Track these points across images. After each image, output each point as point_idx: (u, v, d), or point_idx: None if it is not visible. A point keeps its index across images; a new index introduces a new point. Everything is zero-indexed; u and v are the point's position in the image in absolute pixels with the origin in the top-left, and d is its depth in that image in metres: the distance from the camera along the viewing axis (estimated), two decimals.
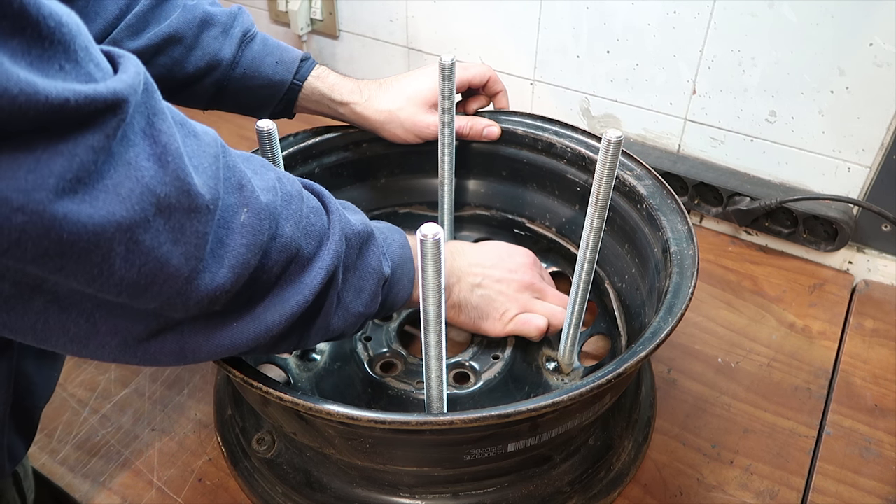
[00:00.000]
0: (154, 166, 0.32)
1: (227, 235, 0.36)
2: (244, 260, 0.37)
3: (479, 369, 0.65)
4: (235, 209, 0.37)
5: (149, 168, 0.31)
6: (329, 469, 0.56)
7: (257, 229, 0.38)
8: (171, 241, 0.33)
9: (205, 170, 0.35)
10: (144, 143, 0.32)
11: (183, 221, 0.33)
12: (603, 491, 0.56)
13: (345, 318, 0.46)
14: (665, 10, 0.78)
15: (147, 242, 0.32)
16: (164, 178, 0.32)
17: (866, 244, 0.80)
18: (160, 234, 0.32)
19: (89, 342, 0.36)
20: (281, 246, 0.40)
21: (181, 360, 0.39)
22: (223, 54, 0.65)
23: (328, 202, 0.45)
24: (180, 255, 0.34)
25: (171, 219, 0.33)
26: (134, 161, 0.31)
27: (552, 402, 0.42)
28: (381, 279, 0.48)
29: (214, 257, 0.36)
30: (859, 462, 0.60)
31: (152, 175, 0.32)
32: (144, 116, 0.32)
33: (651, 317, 0.52)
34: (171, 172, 0.32)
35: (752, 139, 0.81)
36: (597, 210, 0.53)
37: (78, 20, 0.29)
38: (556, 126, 0.72)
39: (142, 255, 0.32)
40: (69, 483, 0.58)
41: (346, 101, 0.69)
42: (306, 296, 0.41)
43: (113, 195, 0.30)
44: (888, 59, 0.68)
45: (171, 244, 0.33)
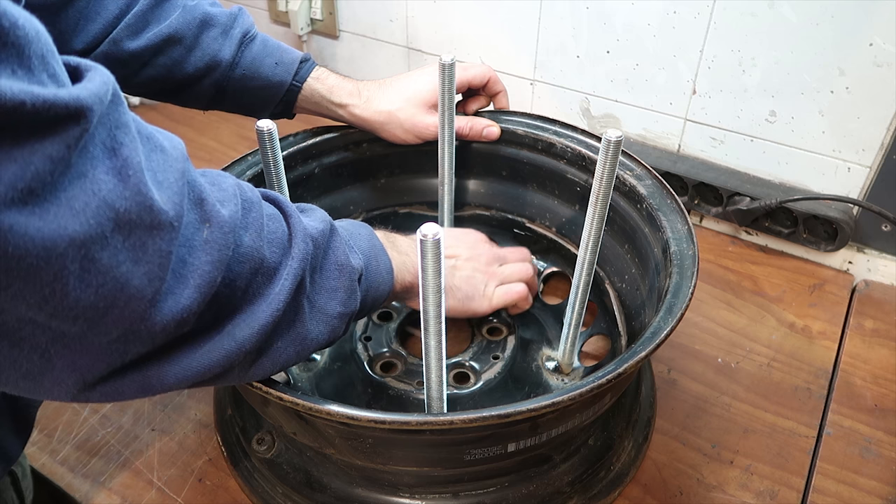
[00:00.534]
0: (113, 180, 0.30)
1: (189, 254, 0.34)
2: (210, 278, 0.35)
3: (479, 369, 0.65)
4: (197, 226, 0.35)
5: (107, 182, 0.30)
6: (329, 469, 0.56)
7: (222, 244, 0.36)
8: (131, 259, 0.31)
9: (169, 185, 0.33)
10: (105, 156, 0.30)
11: (144, 239, 0.31)
12: (603, 491, 0.56)
13: (324, 321, 0.44)
14: (665, 10, 0.78)
15: (104, 260, 0.30)
16: (124, 192, 0.30)
17: (866, 244, 0.80)
18: (119, 252, 0.30)
19: (43, 379, 0.33)
20: (242, 257, 0.38)
21: (147, 393, 0.37)
22: (223, 55, 0.65)
23: (285, 207, 0.43)
24: (142, 275, 0.32)
25: (131, 236, 0.31)
26: (91, 174, 0.29)
27: (552, 402, 0.42)
28: (354, 274, 0.46)
29: (177, 278, 0.34)
30: (859, 462, 0.60)
31: (111, 189, 0.30)
32: (107, 128, 0.30)
33: (651, 317, 0.52)
34: (131, 187, 0.30)
35: (752, 139, 0.81)
36: (597, 210, 0.53)
37: (39, 27, 0.28)
38: (556, 126, 0.72)
39: (99, 275, 0.30)
40: (69, 483, 0.58)
41: (345, 104, 0.69)
42: (277, 305, 0.39)
43: (66, 208, 0.28)
44: (888, 59, 0.68)
45: (131, 263, 0.31)
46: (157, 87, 0.65)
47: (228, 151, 1.00)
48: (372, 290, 0.50)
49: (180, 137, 0.38)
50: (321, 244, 0.44)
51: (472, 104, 0.73)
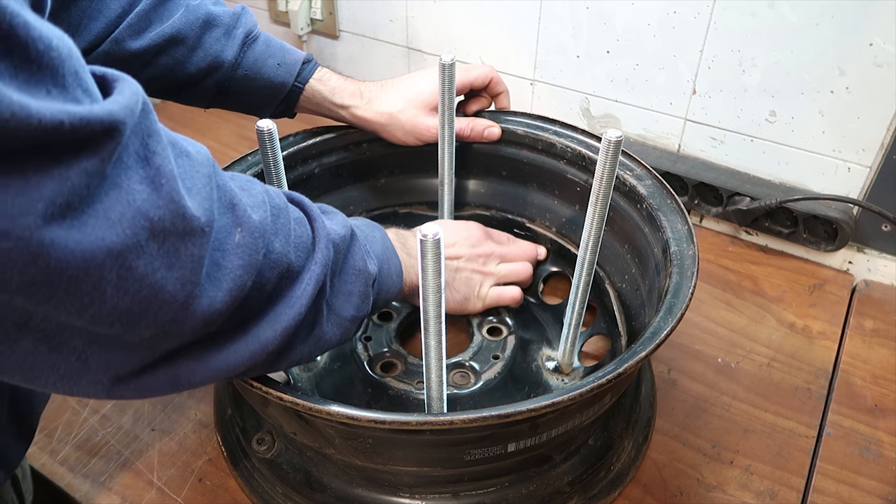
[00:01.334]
0: (147, 189, 0.31)
1: (222, 257, 0.35)
2: (241, 281, 0.36)
3: (479, 369, 0.65)
4: (229, 230, 0.36)
5: (141, 191, 0.30)
6: (329, 469, 0.56)
7: (252, 249, 0.37)
8: (165, 266, 0.32)
9: (199, 191, 0.34)
10: (138, 165, 0.31)
11: (178, 245, 0.32)
12: (603, 491, 0.56)
13: (338, 324, 0.45)
14: (665, 10, 0.78)
15: (140, 269, 0.31)
16: (158, 201, 0.31)
17: (866, 244, 0.80)
18: (154, 259, 0.31)
19: (81, 379, 0.34)
20: (273, 262, 0.39)
21: (176, 389, 0.38)
22: (225, 55, 0.65)
23: (310, 211, 0.44)
24: (175, 280, 0.33)
25: (165, 243, 0.32)
26: (126, 184, 0.30)
27: (552, 402, 0.42)
28: (369, 279, 0.47)
29: (211, 280, 0.35)
30: (859, 462, 0.60)
31: (145, 199, 0.30)
32: (139, 138, 0.31)
33: (651, 317, 0.52)
34: (164, 195, 0.31)
35: (752, 139, 0.81)
36: (597, 210, 0.53)
37: (70, 44, 0.29)
38: (556, 126, 0.72)
39: (135, 282, 0.31)
40: (69, 483, 0.58)
41: (347, 105, 0.69)
42: (299, 308, 0.41)
43: (103, 220, 0.29)
44: (888, 59, 0.68)
45: (165, 269, 0.32)
46: (158, 86, 0.65)
47: (228, 151, 1.00)
48: (383, 293, 0.51)
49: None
50: (342, 249, 0.45)
51: (473, 105, 0.73)
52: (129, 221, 0.30)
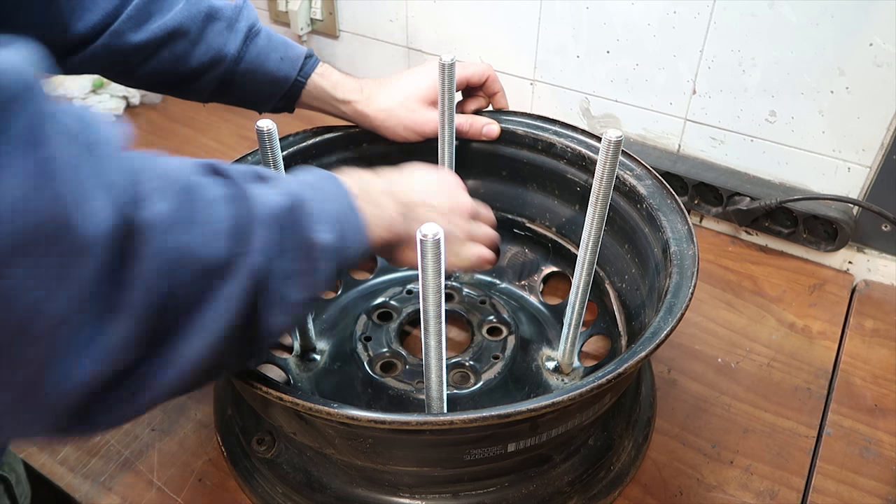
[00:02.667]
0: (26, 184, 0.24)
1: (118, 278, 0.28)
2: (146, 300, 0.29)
3: (479, 369, 0.65)
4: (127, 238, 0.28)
5: (16, 186, 0.24)
6: (329, 469, 0.56)
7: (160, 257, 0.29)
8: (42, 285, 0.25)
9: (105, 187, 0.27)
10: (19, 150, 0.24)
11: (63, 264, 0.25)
12: (603, 491, 0.56)
13: (284, 311, 0.37)
14: (665, 10, 0.78)
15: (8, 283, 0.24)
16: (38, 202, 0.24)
17: (866, 244, 0.80)
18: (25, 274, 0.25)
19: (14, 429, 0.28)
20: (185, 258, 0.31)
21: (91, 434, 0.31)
22: (228, 49, 0.64)
23: (240, 183, 0.36)
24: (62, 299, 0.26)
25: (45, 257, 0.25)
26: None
27: (552, 402, 0.42)
28: (323, 251, 0.39)
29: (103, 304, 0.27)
30: (859, 462, 0.60)
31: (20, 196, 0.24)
32: (28, 115, 0.25)
33: (651, 317, 0.52)
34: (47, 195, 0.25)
35: (752, 139, 0.81)
36: (597, 210, 0.53)
37: None
38: (556, 126, 0.72)
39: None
40: (69, 483, 0.58)
41: (349, 100, 0.69)
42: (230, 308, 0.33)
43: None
44: (888, 59, 0.68)
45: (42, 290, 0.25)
46: (159, 80, 0.65)
47: (228, 151, 1.00)
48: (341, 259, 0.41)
49: (180, 137, 0.37)
50: (284, 223, 0.37)
51: (471, 104, 0.73)
52: None
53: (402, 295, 0.73)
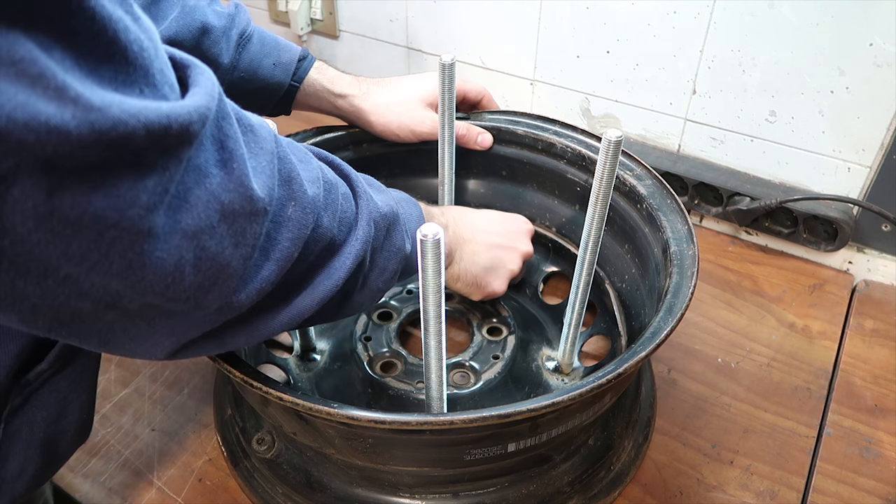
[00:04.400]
0: (220, 173, 0.32)
1: (274, 230, 0.37)
2: (288, 253, 0.38)
3: (479, 369, 0.65)
4: (284, 203, 0.37)
5: (216, 175, 0.32)
6: (329, 469, 0.56)
7: (302, 223, 0.38)
8: (232, 244, 0.34)
9: (262, 170, 0.35)
10: (214, 148, 0.32)
11: (244, 225, 0.34)
12: (603, 491, 0.56)
13: (368, 295, 0.47)
14: (665, 10, 0.78)
15: (212, 248, 0.32)
16: (229, 184, 0.32)
17: (866, 244, 0.80)
18: (224, 238, 0.33)
19: (145, 342, 0.36)
20: (319, 236, 0.40)
21: (220, 349, 0.40)
22: (222, 59, 0.64)
23: (356, 185, 0.46)
24: (239, 257, 0.34)
25: (234, 224, 0.33)
26: (204, 167, 0.31)
27: (552, 402, 0.42)
28: (404, 257, 0.49)
29: (263, 252, 0.36)
30: (859, 462, 0.60)
31: (219, 182, 0.32)
32: (216, 122, 0.32)
33: (651, 317, 0.52)
34: (235, 179, 0.33)
35: (752, 139, 0.81)
36: (597, 210, 0.53)
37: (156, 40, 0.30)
38: (556, 126, 0.72)
39: (208, 261, 0.32)
40: (69, 483, 0.58)
41: (345, 94, 0.69)
42: (336, 280, 0.42)
43: (184, 203, 0.31)
44: (888, 59, 0.68)
45: (232, 248, 0.34)
46: None
47: None
48: (408, 268, 0.52)
49: None
50: (382, 227, 0.47)
51: (466, 105, 0.75)
52: (203, 205, 0.31)
53: (402, 295, 0.73)
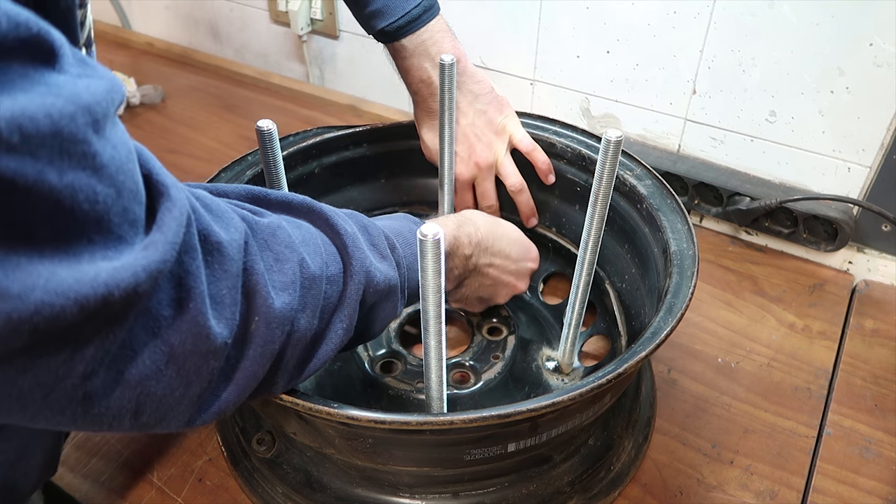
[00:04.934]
0: (173, 313, 0.30)
1: (234, 350, 0.34)
2: (252, 372, 0.35)
3: (479, 369, 0.65)
4: (245, 319, 0.35)
5: (167, 317, 0.30)
6: (329, 469, 0.56)
7: (268, 339, 0.35)
8: (183, 385, 0.32)
9: (222, 299, 0.33)
10: (170, 286, 0.30)
11: (199, 364, 0.32)
12: (603, 491, 0.56)
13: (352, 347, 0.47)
14: (665, 10, 0.78)
15: (159, 393, 0.30)
16: (181, 325, 0.30)
17: (866, 244, 0.80)
18: (173, 381, 0.31)
19: None
20: (296, 341, 0.38)
21: None
22: None
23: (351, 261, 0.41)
24: (192, 395, 0.33)
25: (184, 365, 0.31)
26: (155, 311, 0.29)
27: (552, 402, 0.42)
28: (392, 319, 0.48)
29: (222, 376, 0.34)
30: (859, 462, 0.60)
31: (168, 324, 0.30)
32: (177, 257, 0.30)
33: (651, 317, 0.52)
34: (189, 319, 0.30)
35: (752, 139, 0.81)
36: (597, 210, 0.53)
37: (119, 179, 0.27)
38: (556, 126, 0.72)
39: (153, 405, 0.31)
40: (69, 483, 0.58)
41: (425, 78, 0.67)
42: (322, 362, 0.41)
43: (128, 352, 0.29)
44: (888, 59, 0.68)
45: (183, 388, 0.32)
46: None
47: (228, 151, 1.00)
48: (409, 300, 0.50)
49: (180, 137, 0.37)
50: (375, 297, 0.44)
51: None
52: (150, 351, 0.29)
53: None
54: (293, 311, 0.37)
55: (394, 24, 0.64)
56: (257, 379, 0.36)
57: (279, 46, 1.16)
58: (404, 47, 0.66)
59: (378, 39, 0.68)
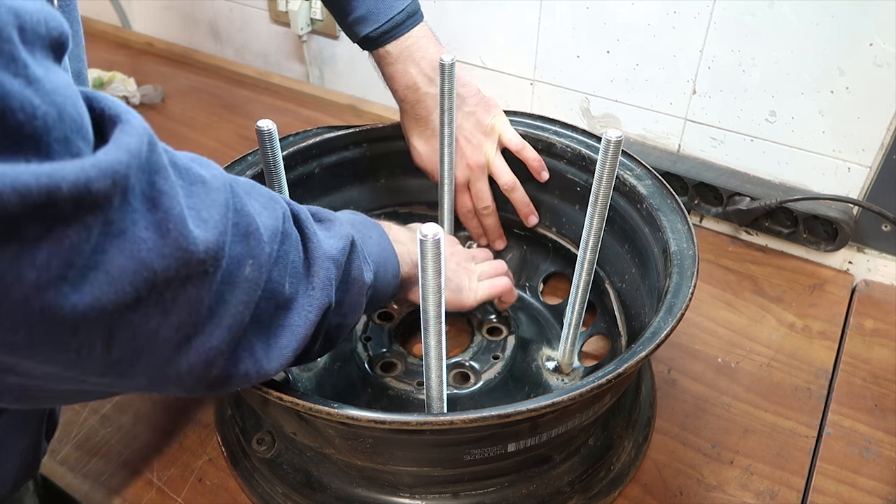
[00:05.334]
0: (153, 237, 0.28)
1: (228, 291, 0.33)
2: (240, 318, 0.34)
3: (479, 369, 0.65)
4: (241, 261, 0.34)
5: (147, 239, 0.28)
6: (329, 469, 0.56)
7: (256, 284, 0.35)
8: (161, 313, 0.30)
9: (214, 224, 0.32)
10: (145, 208, 0.28)
11: (177, 291, 0.30)
12: (603, 491, 0.56)
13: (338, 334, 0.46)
14: (665, 10, 0.78)
15: (135, 321, 0.29)
16: (163, 249, 0.28)
17: (866, 244, 0.80)
18: (150, 309, 0.29)
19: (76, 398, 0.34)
20: (268, 293, 0.37)
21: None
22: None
23: (305, 228, 0.41)
24: (170, 326, 0.30)
25: (165, 291, 0.29)
26: (131, 231, 0.27)
27: (552, 402, 0.42)
28: (365, 288, 0.46)
29: (212, 317, 0.33)
30: (859, 462, 0.60)
31: (150, 248, 0.28)
32: (146, 177, 0.28)
33: (651, 317, 0.52)
34: (171, 242, 0.29)
35: (752, 139, 0.81)
36: (597, 210, 0.53)
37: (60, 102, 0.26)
38: (556, 126, 0.72)
39: (128, 334, 0.29)
40: (69, 483, 0.58)
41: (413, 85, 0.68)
42: (302, 336, 0.39)
43: (103, 276, 0.27)
44: (888, 59, 0.68)
45: (160, 317, 0.30)
46: None
47: (228, 151, 1.00)
48: (375, 298, 0.50)
49: (180, 137, 0.38)
50: (342, 264, 0.43)
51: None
52: (129, 276, 0.28)
53: None
54: (274, 259, 0.37)
55: (378, 30, 0.65)
56: (242, 326, 0.34)
57: (279, 46, 1.16)
58: (389, 53, 0.67)
59: (362, 46, 0.68)
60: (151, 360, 0.31)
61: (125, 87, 1.09)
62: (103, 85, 1.07)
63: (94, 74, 1.08)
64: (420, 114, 0.69)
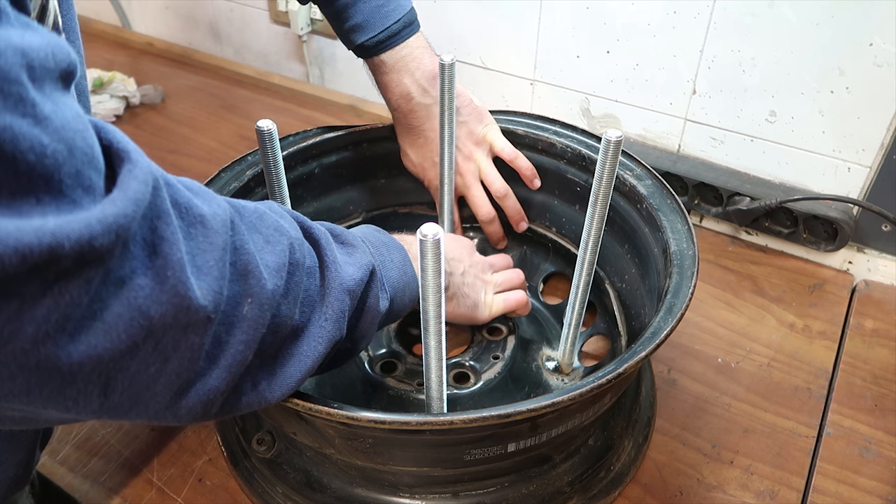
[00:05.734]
0: (150, 283, 0.28)
1: (225, 332, 0.33)
2: (242, 357, 0.34)
3: (479, 369, 0.65)
4: (238, 300, 0.33)
5: (144, 286, 0.28)
6: (329, 469, 0.56)
7: (259, 321, 0.34)
8: (160, 360, 0.30)
9: (209, 270, 0.31)
10: (144, 254, 0.28)
11: (177, 338, 0.30)
12: (603, 491, 0.56)
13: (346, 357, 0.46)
14: (665, 10, 0.78)
15: (133, 369, 0.29)
16: (161, 296, 0.28)
17: (866, 244, 0.80)
18: (149, 356, 0.29)
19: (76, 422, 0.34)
20: (277, 327, 0.36)
21: None
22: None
23: (324, 255, 0.41)
24: (170, 371, 0.30)
25: (163, 338, 0.29)
26: (129, 280, 0.27)
27: (552, 402, 0.42)
28: (378, 317, 0.46)
29: (208, 359, 0.32)
30: (859, 462, 0.60)
31: (147, 294, 0.28)
32: (148, 223, 0.28)
33: (651, 317, 0.52)
34: (168, 289, 0.28)
35: (752, 139, 0.81)
36: (597, 210, 0.53)
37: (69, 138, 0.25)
38: (556, 126, 0.72)
39: (125, 381, 0.29)
40: (69, 483, 0.58)
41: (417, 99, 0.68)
42: (310, 365, 0.39)
43: (99, 325, 0.27)
44: (888, 59, 0.68)
45: (160, 363, 0.30)
46: None
47: (228, 151, 1.00)
48: (391, 319, 0.50)
49: (180, 137, 0.37)
50: (357, 294, 0.43)
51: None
52: (126, 324, 0.27)
53: None
54: (279, 294, 0.36)
55: (373, 39, 0.65)
56: (244, 365, 0.34)
57: (279, 46, 1.16)
58: (384, 62, 0.67)
59: (357, 54, 0.68)
60: (149, 405, 0.31)
61: (125, 87, 1.09)
62: (103, 85, 1.07)
63: (94, 74, 1.08)
64: (412, 123, 0.69)
